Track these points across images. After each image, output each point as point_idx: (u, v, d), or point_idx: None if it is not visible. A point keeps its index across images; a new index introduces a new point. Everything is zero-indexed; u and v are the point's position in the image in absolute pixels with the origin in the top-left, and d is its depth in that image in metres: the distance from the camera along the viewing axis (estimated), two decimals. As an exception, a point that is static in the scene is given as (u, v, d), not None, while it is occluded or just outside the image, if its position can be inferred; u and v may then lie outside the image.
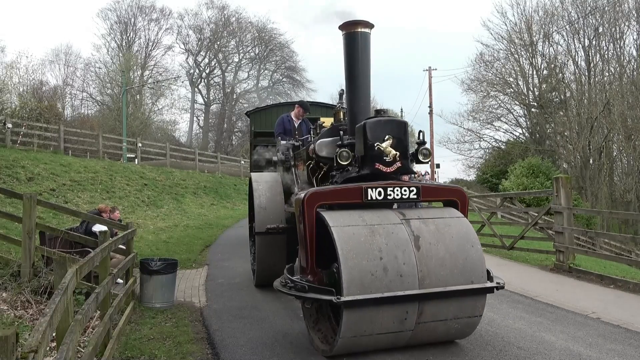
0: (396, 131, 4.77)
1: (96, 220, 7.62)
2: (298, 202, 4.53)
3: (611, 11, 32.01)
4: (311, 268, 4.47)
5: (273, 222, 7.04)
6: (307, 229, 4.41)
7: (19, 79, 29.40)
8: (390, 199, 4.60)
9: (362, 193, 4.53)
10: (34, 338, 2.41)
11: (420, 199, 4.69)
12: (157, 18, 49.65)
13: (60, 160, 18.07)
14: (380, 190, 4.57)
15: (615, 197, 30.34)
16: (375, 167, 4.70)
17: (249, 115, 12.37)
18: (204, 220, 17.94)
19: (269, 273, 7.23)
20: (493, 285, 4.35)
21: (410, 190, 4.64)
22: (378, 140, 4.69)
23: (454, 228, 4.46)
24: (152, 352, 5.05)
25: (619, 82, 31.26)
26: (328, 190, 4.59)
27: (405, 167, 4.81)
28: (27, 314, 5.87)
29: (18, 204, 10.16)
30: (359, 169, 4.88)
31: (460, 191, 4.91)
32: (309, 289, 4.30)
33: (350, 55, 5.37)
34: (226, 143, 52.68)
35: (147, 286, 6.80)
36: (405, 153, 4.79)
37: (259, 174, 8.12)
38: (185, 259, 10.39)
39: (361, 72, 5.35)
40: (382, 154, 4.70)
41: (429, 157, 5.00)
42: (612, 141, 31.22)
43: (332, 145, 5.62)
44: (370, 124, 4.76)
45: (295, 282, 4.44)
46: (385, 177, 4.74)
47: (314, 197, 4.47)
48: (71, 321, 3.41)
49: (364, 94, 5.40)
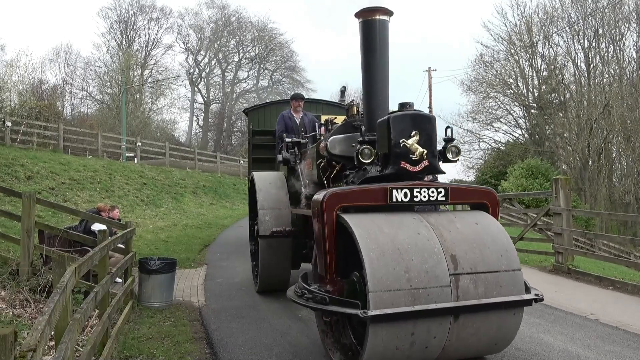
0: (423, 126, 4.31)
1: (95, 219, 7.61)
2: (316, 203, 4.12)
3: (611, 13, 32.03)
4: (330, 277, 4.05)
5: (278, 225, 6.72)
6: (327, 233, 4.00)
7: (19, 77, 29.32)
8: (416, 201, 4.19)
9: (387, 194, 4.10)
10: (33, 337, 2.41)
11: (448, 201, 4.27)
12: (157, 17, 49.67)
13: (60, 159, 18.06)
14: (407, 192, 4.14)
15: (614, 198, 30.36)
16: (401, 165, 4.26)
17: (247, 113, 12.02)
18: (203, 220, 17.93)
19: (273, 279, 7.08)
20: (531, 298, 3.95)
21: (438, 191, 4.22)
22: (403, 137, 4.25)
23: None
24: (150, 352, 5.05)
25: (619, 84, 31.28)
26: (349, 191, 4.17)
27: (433, 166, 4.37)
28: (26, 312, 5.87)
29: (17, 202, 10.16)
30: (382, 168, 4.44)
31: (491, 193, 4.48)
32: (330, 302, 3.84)
33: (368, 45, 4.96)
34: (226, 143, 52.67)
35: (145, 285, 6.79)
36: (433, 151, 4.35)
37: (262, 173, 7.75)
38: (184, 258, 10.39)
39: (379, 64, 4.93)
40: (408, 151, 4.25)
41: (459, 155, 4.57)
42: (612, 143, 31.23)
43: (345, 142, 5.32)
44: (395, 118, 4.29)
45: (313, 292, 3.98)
46: (410, 177, 4.32)
47: (335, 198, 4.05)
48: (70, 320, 3.40)
49: (382, 87, 4.96)
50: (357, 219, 3.92)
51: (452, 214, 4.31)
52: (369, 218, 3.97)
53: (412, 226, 3.91)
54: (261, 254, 6.97)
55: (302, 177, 6.71)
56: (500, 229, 4.14)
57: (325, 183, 5.59)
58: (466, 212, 4.40)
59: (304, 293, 4.10)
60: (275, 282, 7.14)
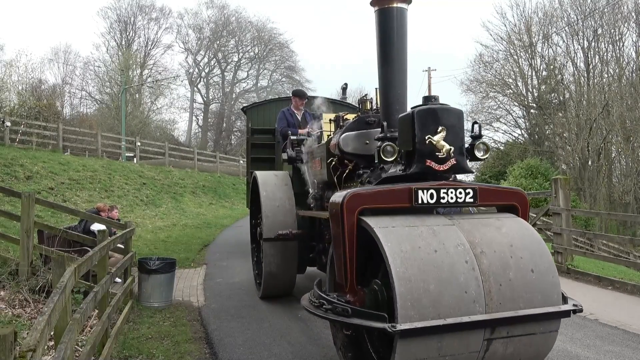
0: (450, 122, 3.99)
1: (95, 219, 7.61)
2: (335, 205, 3.81)
3: (610, 13, 32.06)
4: (351, 286, 3.74)
5: (284, 227, 6.38)
6: (347, 238, 3.68)
7: (18, 77, 29.31)
8: (442, 203, 3.87)
9: (412, 195, 3.78)
10: (32, 337, 2.41)
11: (477, 203, 3.97)
12: (156, 17, 49.69)
13: (59, 158, 18.06)
14: (433, 192, 3.82)
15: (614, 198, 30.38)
16: (426, 164, 3.93)
17: (246, 111, 11.71)
18: (202, 220, 17.93)
19: (278, 284, 6.82)
20: (569, 309, 3.64)
21: (466, 192, 3.91)
22: (429, 133, 3.92)
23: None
24: (150, 352, 5.05)
25: (618, 84, 31.29)
26: (371, 192, 3.83)
27: (461, 165, 4.05)
28: (25, 312, 5.87)
29: (16, 202, 10.15)
30: (405, 167, 4.11)
31: (521, 194, 4.18)
32: (353, 314, 3.50)
33: (384, 35, 4.60)
34: (225, 142, 52.69)
35: (145, 285, 6.79)
36: (460, 148, 4.03)
37: (266, 172, 7.37)
38: (184, 258, 10.39)
39: (397, 55, 4.58)
40: (434, 148, 3.92)
41: (488, 152, 4.27)
42: (611, 143, 31.25)
43: (359, 140, 5.04)
44: (420, 112, 3.96)
45: (333, 303, 3.63)
46: (435, 177, 4.01)
47: (356, 199, 3.72)
48: (69, 320, 3.41)
49: (399, 80, 4.62)
50: (381, 223, 3.59)
51: (481, 218, 3.98)
52: (394, 222, 3.64)
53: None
54: (265, 258, 6.62)
55: (309, 176, 6.44)
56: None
57: (336, 183, 5.33)
58: (495, 216, 4.06)
59: (322, 303, 3.73)
60: (279, 287, 6.90)
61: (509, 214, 4.06)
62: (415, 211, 3.88)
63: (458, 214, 4.04)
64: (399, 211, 3.82)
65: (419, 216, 3.79)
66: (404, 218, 3.71)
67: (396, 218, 3.70)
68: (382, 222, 3.62)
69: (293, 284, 6.91)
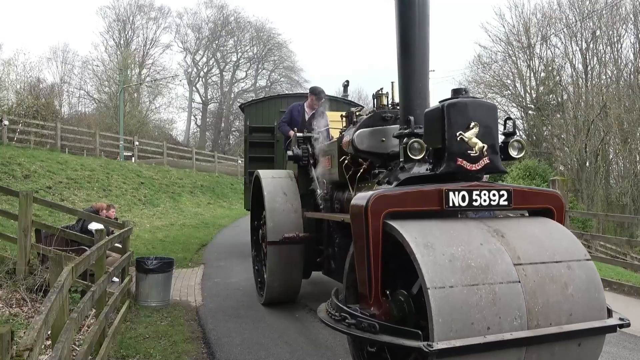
0: (484, 117, 3.67)
1: (93, 218, 7.60)
2: (357, 208, 3.45)
3: (608, 15, 32.12)
4: (376, 298, 3.39)
5: (290, 230, 6.01)
6: (372, 245, 3.34)
7: (16, 76, 29.32)
8: (475, 206, 3.54)
9: (442, 198, 3.44)
10: (29, 336, 2.41)
11: (511, 206, 3.63)
12: (155, 16, 49.68)
13: (57, 157, 18.03)
14: (465, 195, 3.49)
15: (611, 200, 30.44)
16: (457, 163, 3.61)
17: (243, 108, 11.37)
18: (200, 220, 17.92)
19: (282, 290, 6.46)
20: (615, 324, 3.32)
21: (500, 194, 3.57)
22: (460, 129, 3.60)
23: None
24: (147, 351, 5.05)
25: (616, 85, 31.36)
26: (399, 193, 3.48)
27: (495, 164, 3.73)
28: (23, 311, 5.86)
29: (14, 201, 10.13)
30: (433, 166, 3.78)
31: (557, 197, 3.88)
32: (382, 330, 3.15)
33: (405, 23, 4.20)
34: (223, 142, 52.68)
35: (143, 285, 6.79)
36: (494, 146, 3.71)
37: (269, 171, 6.97)
38: (182, 258, 10.38)
39: (419, 44, 4.17)
40: (466, 146, 3.61)
41: (523, 151, 3.93)
42: (609, 144, 31.32)
43: (374, 137, 4.74)
44: (452, 106, 3.61)
45: (357, 317, 3.28)
46: (467, 177, 3.68)
47: (382, 202, 3.37)
48: (67, 319, 3.40)
49: (421, 72, 4.24)
50: (411, 229, 3.24)
51: (517, 223, 3.66)
52: (425, 227, 3.31)
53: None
54: (269, 262, 6.22)
55: (317, 176, 6.05)
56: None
57: (348, 183, 5.00)
58: (531, 220, 3.75)
59: (344, 317, 3.37)
60: (284, 293, 6.54)
61: (544, 219, 3.75)
62: (445, 215, 3.59)
63: (490, 219, 3.71)
64: (426, 215, 3.48)
65: (451, 221, 3.49)
66: (434, 223, 3.37)
67: (426, 223, 3.37)
68: (411, 227, 3.28)
69: (298, 290, 6.59)
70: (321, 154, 5.94)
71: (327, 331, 5.58)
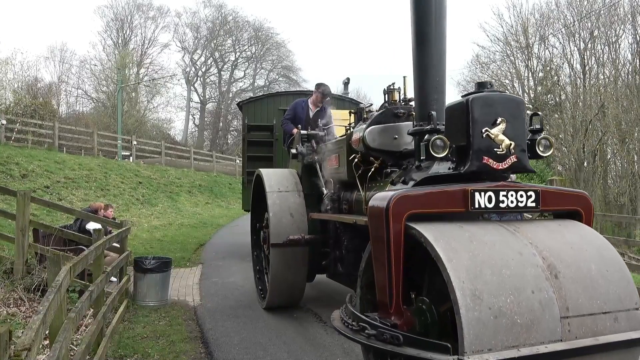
0: (511, 112, 3.43)
1: (91, 217, 7.60)
2: (377, 210, 3.22)
3: (606, 15, 32.18)
4: (397, 306, 3.15)
5: (295, 232, 5.75)
6: (393, 249, 3.11)
7: (14, 75, 29.32)
8: (502, 208, 3.30)
9: (468, 198, 3.21)
10: (27, 336, 2.41)
11: (539, 208, 3.40)
12: (154, 16, 49.61)
13: (55, 157, 18.00)
14: (491, 195, 3.25)
15: (609, 199, 30.48)
16: (483, 161, 3.38)
17: (241, 107, 11.08)
18: (198, 219, 17.92)
19: (285, 294, 6.20)
20: None
21: (527, 195, 3.34)
22: (486, 125, 3.36)
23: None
24: (145, 351, 5.05)
25: (614, 86, 31.40)
26: (422, 194, 3.25)
27: (522, 163, 3.50)
28: (20, 311, 5.86)
29: (11, 200, 10.11)
30: (457, 164, 3.55)
31: (585, 198, 3.63)
32: (406, 342, 2.91)
33: (421, 10, 3.97)
34: (221, 142, 52.65)
35: (141, 284, 6.79)
36: (522, 143, 3.49)
37: (272, 170, 6.72)
38: (180, 257, 10.38)
39: (435, 35, 3.93)
40: (492, 143, 3.38)
41: (551, 149, 3.71)
42: (606, 144, 31.36)
43: (386, 134, 4.53)
44: (477, 101, 3.38)
45: (377, 327, 3.06)
46: (492, 177, 3.45)
47: (404, 203, 3.13)
48: (64, 319, 3.40)
49: (438, 65, 3.99)
50: (436, 232, 3.01)
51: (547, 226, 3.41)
52: (450, 230, 3.07)
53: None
54: (272, 266, 5.93)
55: (323, 175, 5.81)
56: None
57: (358, 183, 4.71)
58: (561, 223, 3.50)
59: (362, 327, 3.14)
60: (287, 297, 6.30)
61: (573, 221, 3.52)
62: (469, 217, 3.37)
63: (516, 221, 3.48)
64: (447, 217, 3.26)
65: (477, 224, 3.25)
66: (459, 226, 3.14)
67: (450, 226, 3.14)
68: (436, 230, 3.04)
69: (302, 294, 6.33)
70: (328, 152, 5.69)
71: (325, 331, 5.59)
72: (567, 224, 3.47)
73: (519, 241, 3.03)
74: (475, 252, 2.87)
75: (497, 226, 3.21)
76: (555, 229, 3.37)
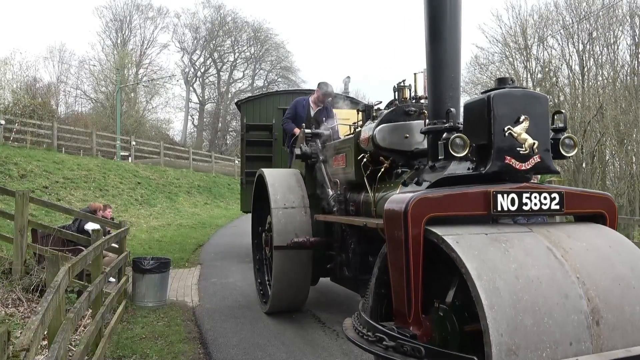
0: (535, 110, 3.26)
1: (90, 218, 7.59)
2: (394, 213, 3.04)
3: (605, 16, 32.24)
4: (416, 316, 2.97)
5: (299, 234, 5.57)
6: (412, 255, 2.93)
7: (13, 75, 29.28)
8: (525, 210, 3.13)
9: (490, 201, 3.02)
10: (26, 336, 2.40)
11: (563, 210, 3.23)
12: (153, 16, 49.60)
13: (54, 157, 17.99)
14: (514, 197, 3.07)
15: (608, 201, 30.55)
16: (505, 161, 3.20)
17: (240, 106, 10.91)
18: (197, 220, 17.92)
19: (289, 298, 6.02)
20: None
21: (551, 197, 3.17)
22: (509, 123, 3.19)
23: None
24: (143, 351, 5.04)
25: (613, 87, 31.45)
26: (442, 196, 3.05)
27: (546, 163, 3.33)
28: (19, 312, 5.84)
29: (10, 201, 10.11)
30: (477, 164, 3.35)
31: (610, 200, 3.49)
32: (428, 354, 2.73)
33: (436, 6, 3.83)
34: (220, 142, 52.65)
35: (139, 285, 6.78)
36: (546, 142, 3.31)
37: (275, 170, 6.55)
38: (178, 258, 10.37)
39: (450, 30, 3.77)
40: (515, 143, 3.20)
41: (575, 149, 3.54)
42: (605, 145, 31.41)
43: (397, 133, 4.37)
44: (499, 97, 3.21)
45: (396, 338, 2.87)
46: (515, 178, 3.26)
47: (423, 205, 2.95)
48: (63, 320, 3.40)
49: (453, 62, 3.82)
50: (459, 237, 2.81)
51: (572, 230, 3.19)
52: (473, 236, 2.87)
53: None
54: (275, 269, 5.74)
55: (328, 175, 5.62)
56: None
57: (367, 184, 4.52)
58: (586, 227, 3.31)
59: (380, 338, 2.96)
60: (290, 301, 6.13)
61: (597, 225, 3.35)
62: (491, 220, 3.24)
63: (539, 224, 3.29)
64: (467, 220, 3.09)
65: (500, 228, 3.05)
66: (481, 230, 2.95)
67: (471, 230, 2.95)
68: (458, 235, 2.84)
69: (305, 298, 6.15)
70: (334, 151, 5.51)
71: (324, 332, 5.60)
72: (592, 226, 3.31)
73: (567, 277, 2.73)
74: (519, 294, 2.57)
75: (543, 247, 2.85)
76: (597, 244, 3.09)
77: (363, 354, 4.44)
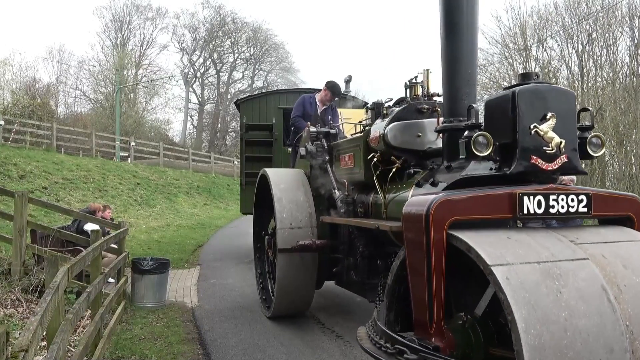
0: (562, 107, 3.05)
1: (89, 218, 7.59)
2: (415, 217, 2.85)
3: (604, 17, 32.28)
4: (438, 326, 2.78)
5: (304, 236, 5.38)
6: (434, 262, 2.74)
7: (12, 76, 29.20)
8: (552, 214, 2.92)
9: (516, 203, 2.84)
10: (25, 337, 2.40)
11: (590, 213, 3.02)
12: (152, 17, 49.59)
13: (53, 158, 17.98)
14: (541, 200, 2.88)
15: (607, 202, 30.58)
16: (531, 161, 3.01)
17: (239, 105, 10.79)
18: (196, 220, 17.92)
19: (293, 302, 5.85)
20: None
21: (579, 199, 2.98)
22: (534, 120, 3.00)
23: None
24: (143, 352, 5.04)
25: (612, 88, 31.44)
26: (466, 198, 2.87)
27: (573, 163, 3.15)
28: (18, 312, 5.84)
29: (9, 201, 10.10)
30: (500, 164, 3.15)
31: (637, 202, 3.26)
32: None
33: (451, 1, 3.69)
34: (220, 143, 52.62)
35: (138, 286, 6.78)
36: (573, 141, 3.12)
37: (278, 170, 6.39)
38: (178, 258, 10.37)
39: (467, 24, 3.61)
40: (541, 141, 3.00)
41: (603, 149, 3.37)
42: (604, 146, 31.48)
43: (409, 132, 4.19)
44: (525, 93, 3.01)
45: (419, 351, 2.72)
46: (540, 179, 3.08)
47: (447, 208, 2.77)
48: (62, 320, 3.40)
49: (469, 58, 3.65)
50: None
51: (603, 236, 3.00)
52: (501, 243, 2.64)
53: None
54: (279, 273, 5.55)
55: (334, 176, 5.42)
56: None
57: (376, 184, 4.35)
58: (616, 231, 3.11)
59: (400, 351, 2.80)
60: (294, 305, 5.94)
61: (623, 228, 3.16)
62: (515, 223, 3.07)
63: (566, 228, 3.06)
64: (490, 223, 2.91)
65: (529, 233, 2.83)
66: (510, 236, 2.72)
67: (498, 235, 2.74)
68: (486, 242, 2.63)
69: (310, 302, 5.98)
70: (341, 151, 5.32)
71: (324, 333, 5.60)
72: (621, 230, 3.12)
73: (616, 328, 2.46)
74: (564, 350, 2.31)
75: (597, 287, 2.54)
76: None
77: (363, 355, 4.31)
